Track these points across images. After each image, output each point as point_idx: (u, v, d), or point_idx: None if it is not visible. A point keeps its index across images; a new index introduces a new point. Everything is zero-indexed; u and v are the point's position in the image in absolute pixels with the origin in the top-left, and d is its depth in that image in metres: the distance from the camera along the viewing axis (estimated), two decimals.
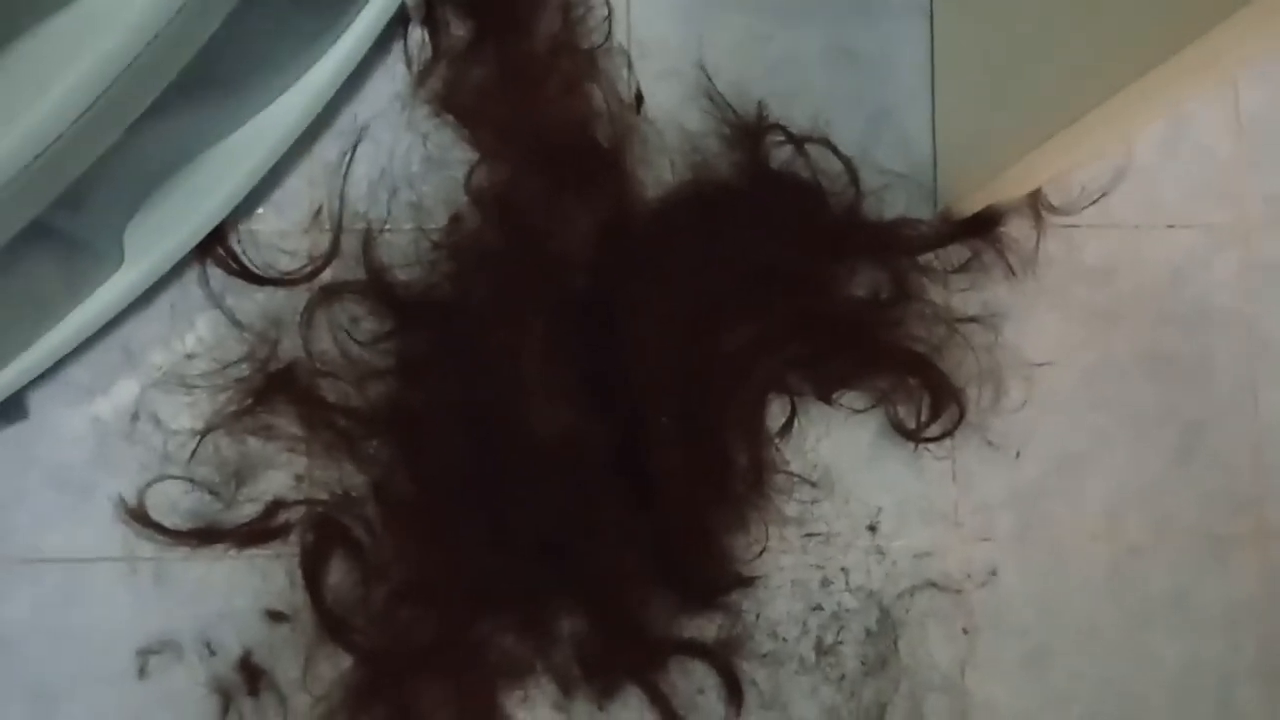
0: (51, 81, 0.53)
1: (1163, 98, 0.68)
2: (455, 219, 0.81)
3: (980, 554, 0.80)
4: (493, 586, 0.75)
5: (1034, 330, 0.82)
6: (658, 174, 0.82)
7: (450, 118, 0.83)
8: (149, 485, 0.79)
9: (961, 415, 0.80)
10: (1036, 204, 0.82)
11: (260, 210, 0.82)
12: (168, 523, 0.78)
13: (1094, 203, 0.83)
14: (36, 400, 0.80)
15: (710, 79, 0.83)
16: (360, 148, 0.83)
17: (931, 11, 0.86)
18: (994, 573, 0.80)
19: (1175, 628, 0.80)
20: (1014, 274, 0.82)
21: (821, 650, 0.78)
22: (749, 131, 0.82)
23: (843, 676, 0.78)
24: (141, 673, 0.77)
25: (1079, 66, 0.67)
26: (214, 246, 0.81)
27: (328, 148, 0.83)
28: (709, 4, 0.85)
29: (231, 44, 0.73)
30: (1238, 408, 0.82)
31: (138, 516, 0.78)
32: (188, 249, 0.78)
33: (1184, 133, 0.85)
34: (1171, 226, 0.84)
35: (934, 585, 0.79)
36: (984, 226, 0.82)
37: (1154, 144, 0.84)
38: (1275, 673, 0.79)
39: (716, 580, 0.77)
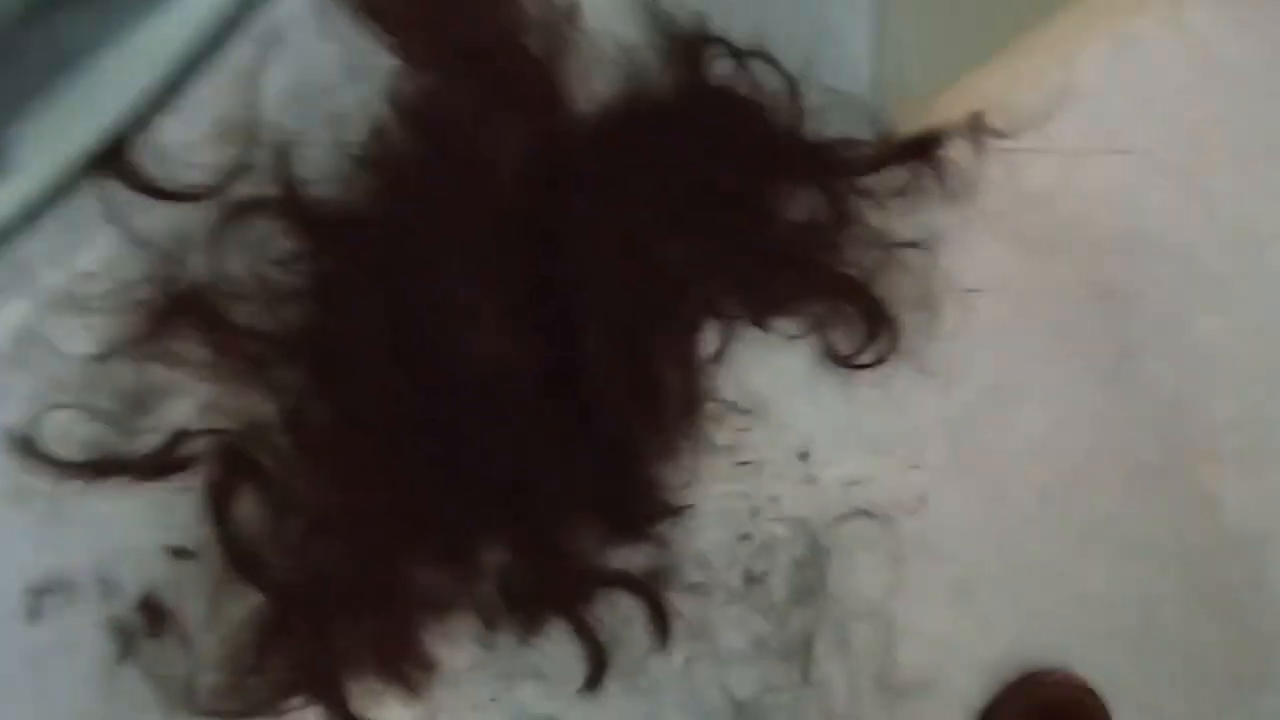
0: None
1: (1105, 17, 0.64)
2: (377, 131, 0.75)
3: (911, 481, 0.77)
4: (412, 517, 0.70)
5: (972, 256, 0.79)
6: (592, 87, 0.77)
7: (372, 22, 0.76)
8: (40, 414, 0.71)
9: (896, 341, 0.77)
10: (978, 126, 0.78)
11: (165, 119, 0.75)
12: (61, 454, 0.71)
13: (1036, 127, 0.78)
14: None
15: None
16: (274, 53, 0.75)
17: None
18: (924, 500, 0.76)
19: (1103, 554, 0.78)
20: (953, 198, 0.78)
21: (750, 580, 0.74)
22: (688, 44, 0.77)
23: (771, 606, 0.74)
24: (32, 614, 0.70)
25: None
26: (113, 157, 0.74)
27: (237, 53, 0.76)
28: None
29: None
30: (1172, 335, 0.79)
31: (28, 447, 0.71)
32: (85, 156, 0.71)
33: (1129, 54, 0.82)
34: (1113, 152, 0.79)
35: (865, 514, 0.76)
36: (924, 149, 0.78)
37: (1097, 66, 0.81)
38: (1197, 595, 0.78)
39: (645, 510, 0.73)
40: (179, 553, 0.71)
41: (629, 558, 0.73)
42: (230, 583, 0.70)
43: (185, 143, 0.74)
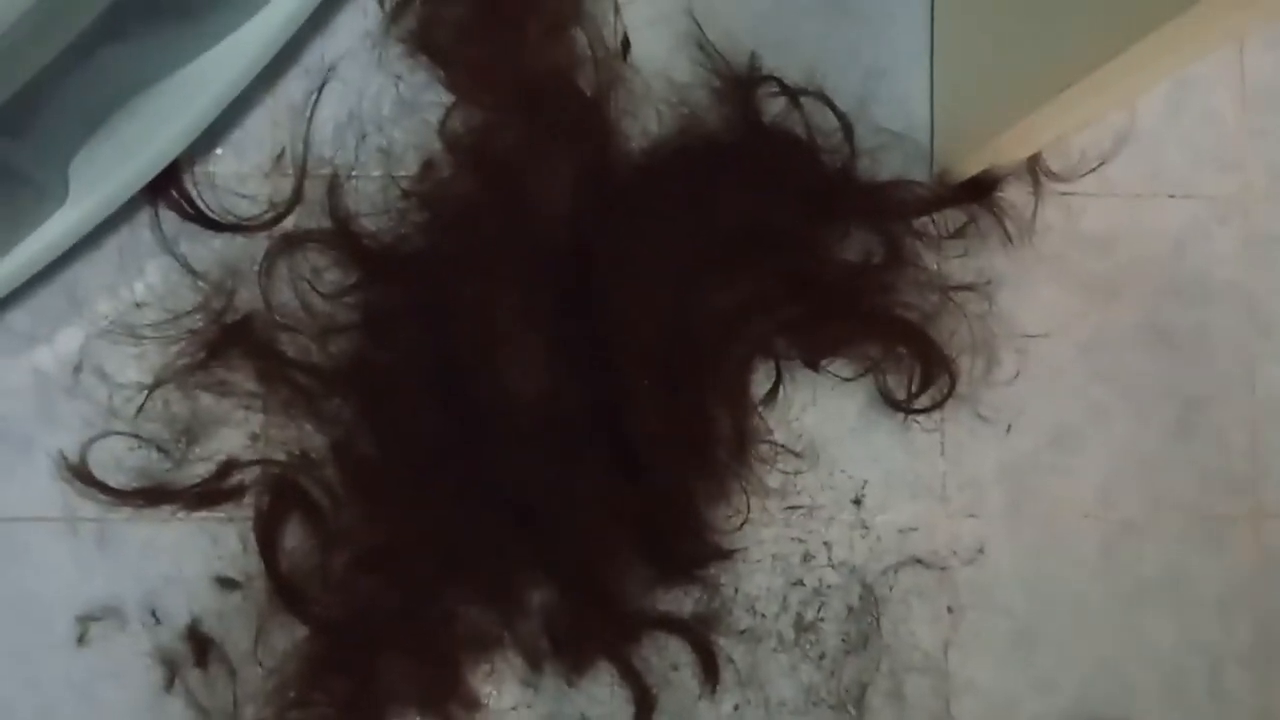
0: None
1: (1166, 61, 0.66)
2: (428, 166, 0.78)
3: (968, 530, 0.77)
4: (460, 555, 0.72)
5: (1029, 300, 0.80)
6: (643, 125, 0.80)
7: (424, 58, 0.79)
8: (92, 441, 0.75)
9: (952, 386, 0.78)
10: (1035, 169, 0.81)
11: (218, 151, 0.79)
12: (112, 482, 0.74)
13: (1094, 169, 0.81)
14: None
15: (700, 27, 0.79)
16: (327, 87, 0.79)
17: None
18: (981, 550, 0.77)
19: (1167, 608, 0.78)
20: (1010, 241, 0.80)
21: (801, 627, 0.75)
22: (740, 83, 0.79)
23: (823, 655, 0.75)
24: (81, 640, 0.73)
25: (1081, 27, 0.66)
26: (167, 188, 0.77)
27: (293, 86, 0.79)
28: None
29: None
30: (1237, 385, 0.81)
31: (80, 474, 0.74)
32: (138, 187, 0.74)
33: (1188, 99, 0.83)
34: (1173, 196, 0.81)
35: (919, 562, 0.76)
36: (981, 191, 0.80)
37: (1157, 110, 0.83)
38: (1267, 656, 0.78)
39: (695, 552, 0.75)
40: (226, 583, 0.74)
41: (677, 600, 0.75)
42: (276, 614, 0.72)
43: (238, 174, 0.78)
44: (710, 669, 0.74)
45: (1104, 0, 0.61)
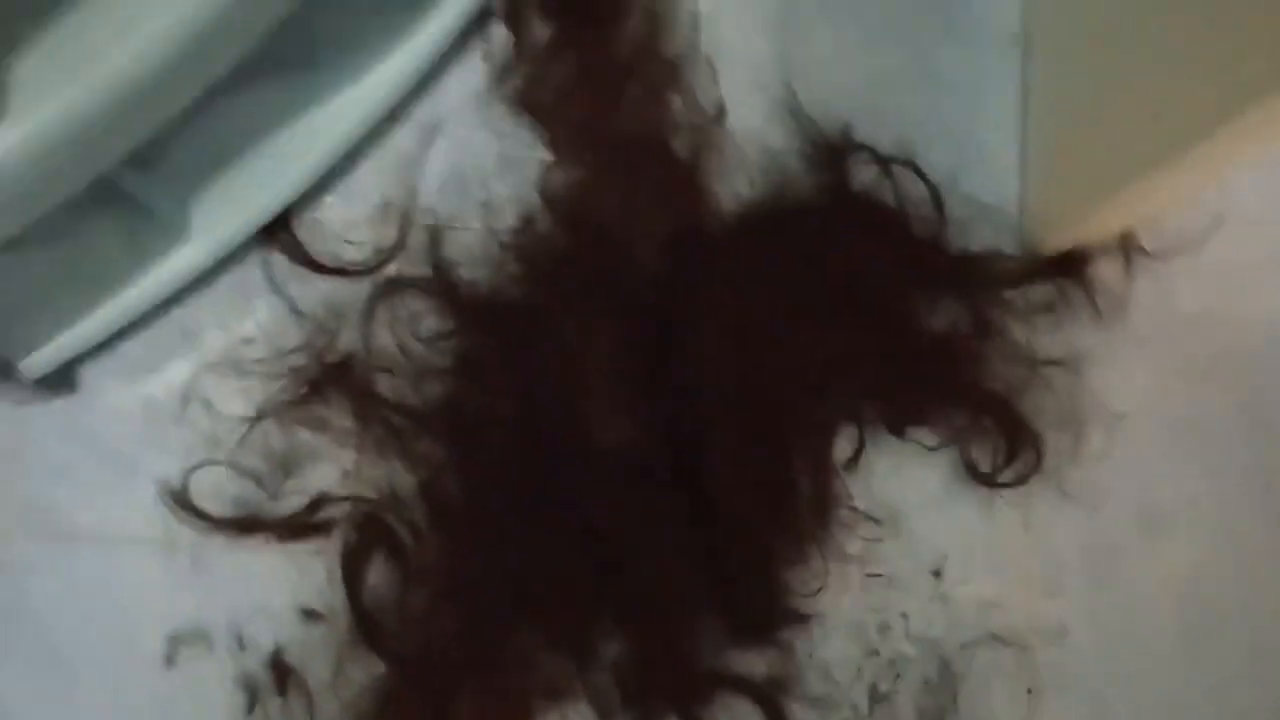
0: (137, 27, 0.52)
1: (1267, 137, 0.65)
2: (526, 220, 0.81)
3: (1050, 610, 0.77)
4: (535, 599, 0.72)
5: (1120, 378, 0.79)
6: (736, 189, 0.82)
7: (528, 117, 0.83)
8: (194, 469, 0.78)
9: (1038, 462, 0.78)
10: (1128, 245, 0.81)
11: (328, 198, 0.83)
12: (210, 509, 0.77)
13: (1190, 249, 0.79)
14: (88, 373, 0.80)
15: (795, 96, 0.81)
16: (435, 142, 0.83)
17: (1026, 41, 0.83)
18: (1064, 630, 0.75)
19: (1253, 702, 0.76)
20: (1101, 317, 0.80)
21: (876, 698, 0.75)
22: (833, 151, 0.81)
23: None
24: (169, 660, 0.76)
25: (1177, 101, 0.65)
26: (279, 231, 0.81)
27: (402, 140, 0.83)
28: (797, 20, 0.85)
29: (317, 22, 0.72)
30: None
31: (180, 500, 0.77)
32: (255, 228, 0.78)
33: None
34: (1271, 276, 0.79)
35: (999, 639, 0.75)
36: (1071, 266, 0.80)
37: (1257, 188, 0.82)
38: None
39: (771, 614, 0.75)
40: (309, 614, 0.76)
41: (750, 662, 0.75)
42: (355, 648, 0.74)
43: (345, 221, 0.82)
44: None
45: (1202, 75, 0.62)
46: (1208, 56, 0.61)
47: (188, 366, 0.80)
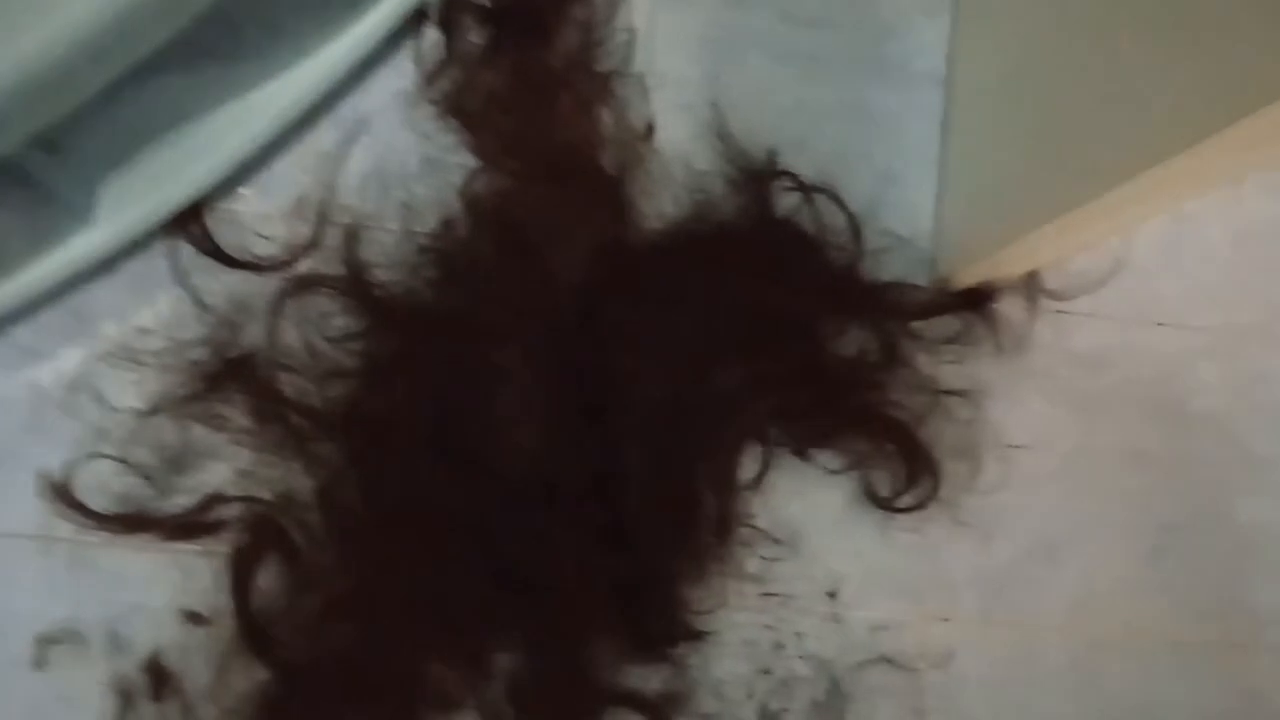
0: (58, 7, 0.51)
1: (1167, 195, 0.70)
2: (446, 224, 0.81)
3: (940, 634, 0.79)
4: (431, 610, 0.72)
5: (1017, 411, 0.82)
6: (659, 207, 0.83)
7: (454, 122, 0.83)
8: (79, 462, 0.75)
9: (936, 489, 0.80)
10: (1032, 285, 0.84)
11: (243, 190, 0.81)
12: (93, 504, 0.75)
13: (1089, 291, 0.83)
14: None
15: (723, 119, 0.83)
16: (357, 140, 0.82)
17: (948, 84, 0.87)
18: (952, 654, 0.78)
19: None
20: (1002, 352, 0.83)
21: (766, 716, 0.77)
22: (756, 176, 0.83)
23: None
24: (39, 662, 0.72)
25: (1087, 154, 0.69)
26: (188, 221, 0.80)
27: (323, 136, 0.82)
28: (731, 44, 0.86)
29: (246, 11, 0.71)
30: (1213, 514, 0.82)
31: (61, 494, 0.75)
32: (163, 217, 0.76)
33: (1186, 233, 0.87)
34: (1163, 325, 0.85)
35: (889, 661, 0.78)
36: (977, 301, 0.83)
37: (1155, 240, 0.87)
38: None
39: (668, 630, 0.75)
40: (193, 617, 0.74)
41: (644, 678, 0.75)
42: (239, 655, 0.72)
43: (260, 214, 0.80)
44: None
45: (1111, 131, 0.65)
46: (1119, 112, 0.64)
47: (80, 355, 0.77)
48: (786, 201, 0.84)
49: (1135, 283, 0.86)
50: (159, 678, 0.73)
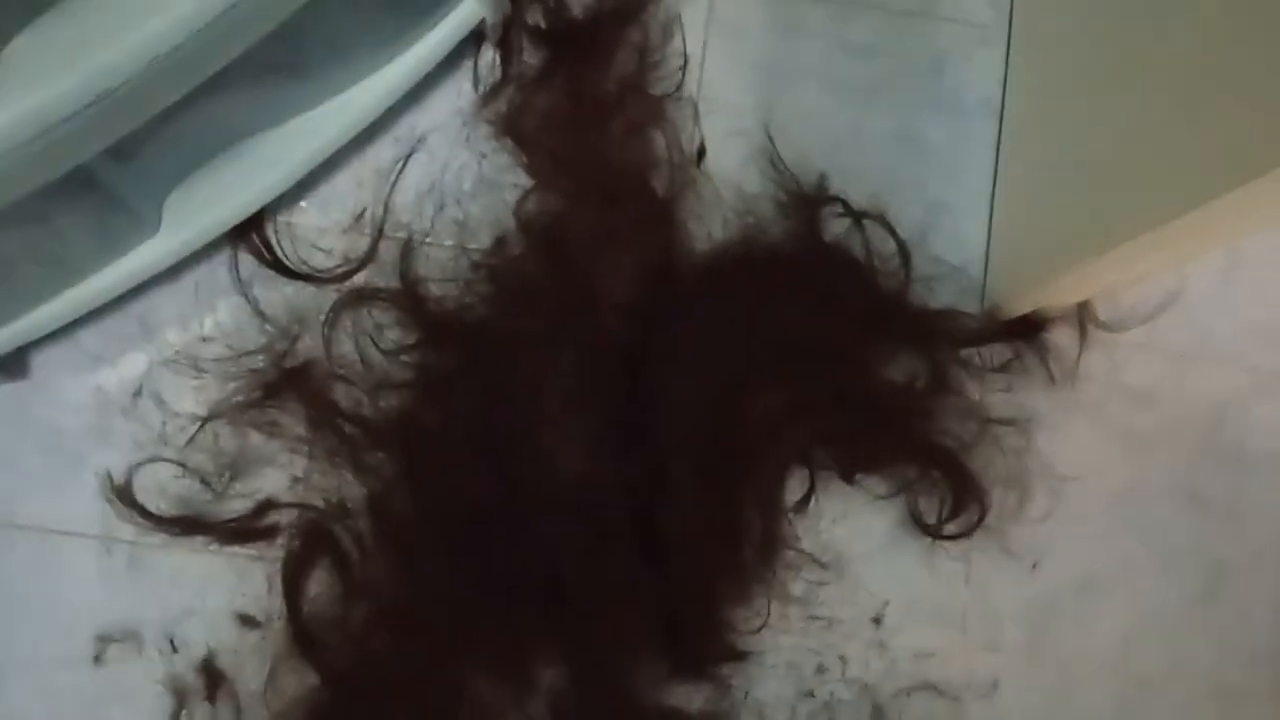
0: (128, 27, 0.53)
1: (1224, 229, 0.69)
2: (499, 242, 0.83)
3: (984, 664, 0.79)
4: (478, 624, 0.73)
5: (1067, 442, 0.82)
6: (709, 230, 0.84)
7: (509, 142, 0.85)
8: (140, 465, 0.78)
9: (982, 517, 0.80)
10: (1084, 315, 0.84)
11: (303, 204, 0.84)
12: (152, 507, 0.77)
13: (1143, 324, 0.84)
14: (41, 360, 0.80)
15: (775, 144, 0.85)
16: (415, 157, 0.85)
17: (1002, 115, 0.87)
18: (995, 685, 0.78)
19: None
20: (1053, 382, 0.83)
21: None
22: (807, 201, 0.84)
23: None
24: (98, 659, 0.75)
25: (1143, 186, 0.69)
26: (249, 232, 0.82)
27: (382, 152, 0.85)
28: (785, 70, 0.88)
29: (310, 31, 0.74)
30: (1267, 557, 0.81)
31: (123, 496, 0.78)
32: (226, 228, 0.79)
33: (1241, 268, 0.86)
34: (1218, 360, 0.84)
35: (933, 689, 0.78)
36: (1028, 330, 0.83)
37: (1210, 274, 0.86)
38: None
39: (710, 650, 0.76)
40: (246, 620, 0.76)
41: (687, 696, 0.76)
42: (290, 658, 0.74)
43: (318, 228, 0.83)
44: None
45: (1168, 163, 0.65)
46: (1176, 144, 0.64)
47: (143, 360, 0.80)
48: (836, 227, 0.84)
49: (1189, 317, 0.85)
50: (213, 679, 0.75)
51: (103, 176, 0.72)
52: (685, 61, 0.86)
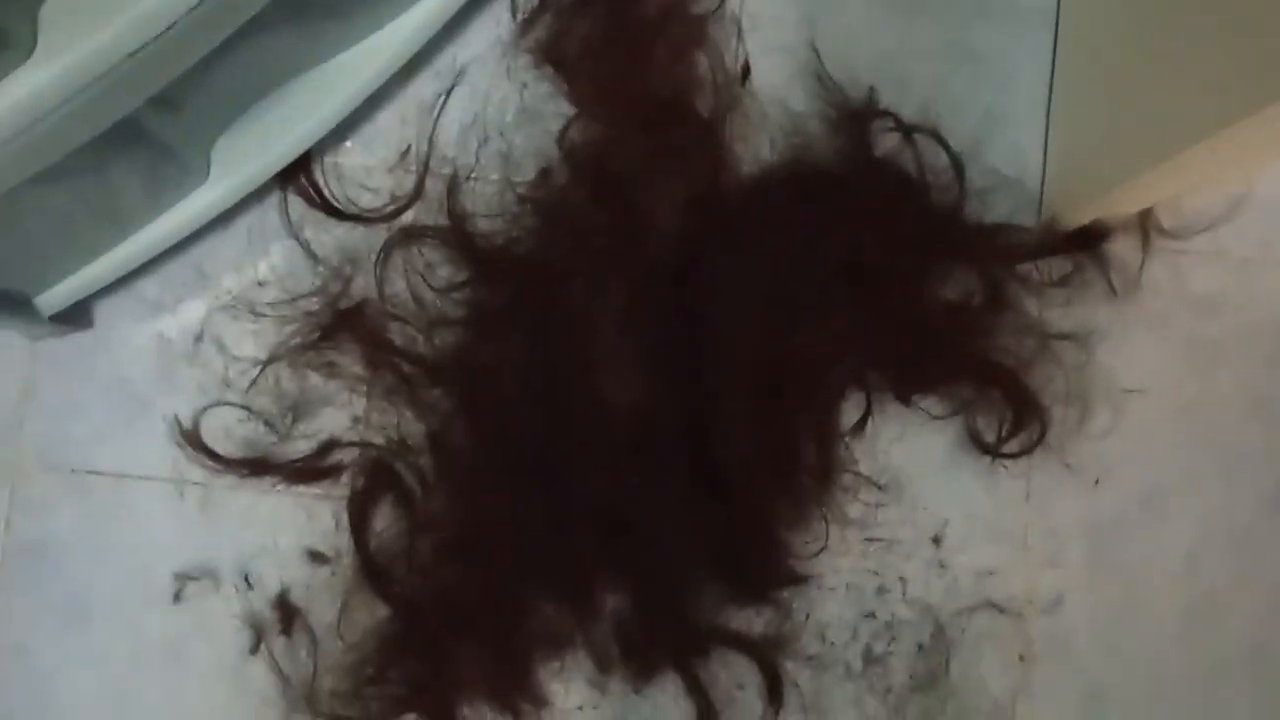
0: None
1: None
2: (544, 173, 0.82)
3: (1047, 580, 0.78)
4: (541, 552, 0.75)
5: (1129, 355, 0.80)
6: (756, 150, 0.83)
7: (550, 70, 0.83)
8: (205, 409, 0.80)
9: (1043, 434, 0.79)
10: (1146, 224, 0.81)
11: (348, 144, 0.84)
12: (220, 449, 0.79)
13: (1207, 230, 0.80)
14: (103, 310, 0.81)
15: (821, 59, 0.82)
16: (456, 91, 0.84)
17: (1058, 17, 0.83)
18: (1059, 601, 0.78)
19: (1248, 682, 0.78)
20: (1115, 294, 0.81)
21: (870, 659, 0.77)
22: (856, 117, 0.82)
23: (889, 689, 0.77)
24: (177, 597, 0.78)
25: (1207, 88, 0.66)
26: (297, 175, 0.82)
27: (423, 87, 0.84)
28: None
29: None
30: None
31: (191, 440, 0.79)
32: (274, 171, 0.79)
33: None
34: None
35: (994, 606, 0.77)
36: (1088, 241, 0.81)
37: (1275, 178, 0.81)
38: None
39: (771, 574, 0.77)
40: (316, 557, 0.78)
41: (749, 620, 0.77)
42: (360, 592, 0.76)
43: (364, 167, 0.83)
44: (775, 691, 0.76)
45: (1233, 64, 0.62)
46: (1242, 44, 0.61)
47: (202, 307, 0.81)
48: (887, 143, 0.82)
49: (1256, 221, 0.82)
50: (287, 614, 0.77)
51: (150, 127, 0.72)
52: None
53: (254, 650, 0.77)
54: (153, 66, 0.59)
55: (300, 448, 0.79)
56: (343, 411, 0.79)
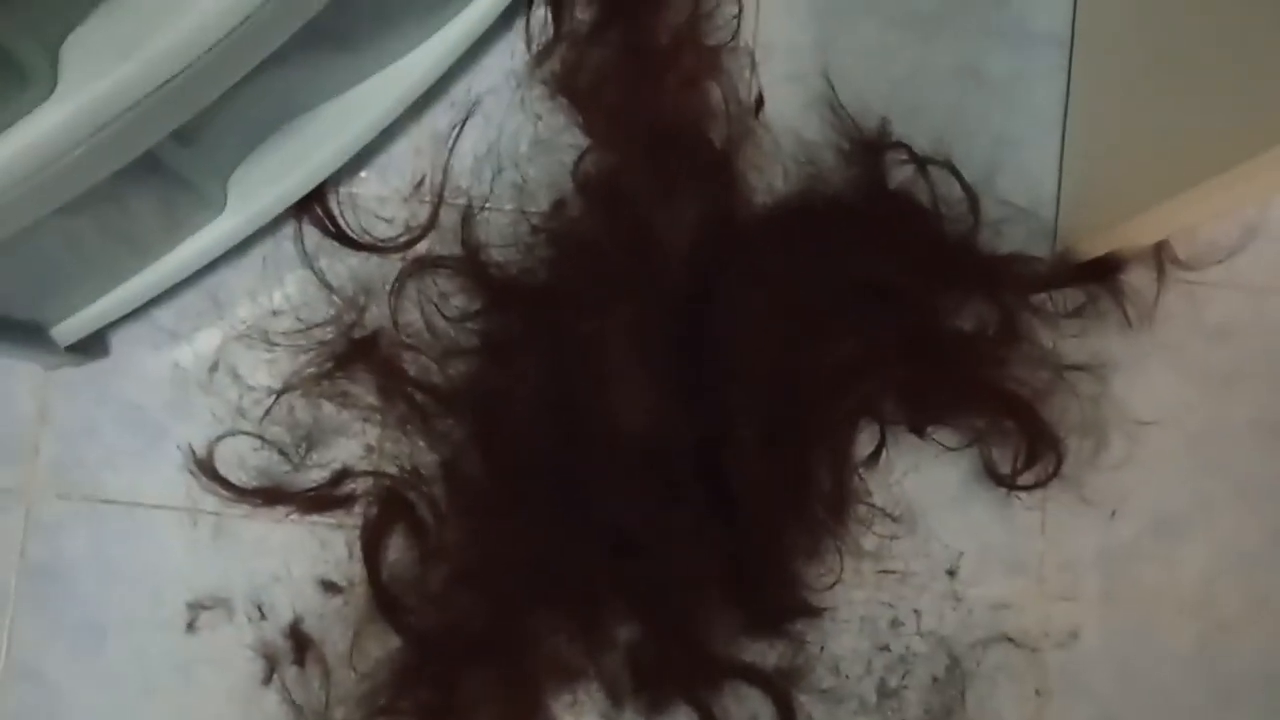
0: (191, 7, 0.53)
1: None
2: (558, 204, 0.82)
3: (1062, 613, 0.78)
4: (553, 581, 0.74)
5: (1144, 386, 0.80)
6: (769, 180, 0.82)
7: (564, 101, 0.83)
8: (219, 438, 0.80)
9: (1058, 466, 0.79)
10: (1161, 255, 0.81)
11: (363, 174, 0.84)
12: (234, 478, 0.79)
13: (1221, 261, 0.80)
14: (119, 339, 0.81)
15: (834, 89, 0.82)
16: (470, 122, 0.84)
17: (1072, 44, 0.83)
18: (1075, 634, 0.77)
19: (1262, 712, 0.77)
20: (1129, 325, 0.81)
21: (884, 692, 0.76)
22: (869, 147, 0.81)
23: None
24: (190, 626, 0.78)
25: (1222, 118, 0.65)
26: (313, 205, 0.82)
27: (438, 118, 0.84)
28: (839, 11, 0.85)
29: (362, 2, 0.73)
30: None
31: (205, 468, 0.79)
32: (289, 202, 0.79)
33: None
34: None
35: (1009, 640, 0.77)
36: (1103, 272, 0.81)
37: None
38: None
39: (784, 605, 0.76)
40: (329, 586, 0.78)
41: (762, 652, 0.76)
42: (373, 622, 0.76)
43: (379, 197, 0.83)
44: None
45: (1248, 94, 0.62)
46: (1257, 74, 0.61)
47: (217, 336, 0.81)
48: (900, 174, 0.82)
49: (1271, 250, 0.82)
50: (300, 643, 0.77)
51: (167, 159, 0.72)
52: (739, 9, 0.84)
53: (267, 680, 0.77)
54: (173, 104, 0.59)
55: (314, 477, 0.79)
56: (356, 441, 0.79)
